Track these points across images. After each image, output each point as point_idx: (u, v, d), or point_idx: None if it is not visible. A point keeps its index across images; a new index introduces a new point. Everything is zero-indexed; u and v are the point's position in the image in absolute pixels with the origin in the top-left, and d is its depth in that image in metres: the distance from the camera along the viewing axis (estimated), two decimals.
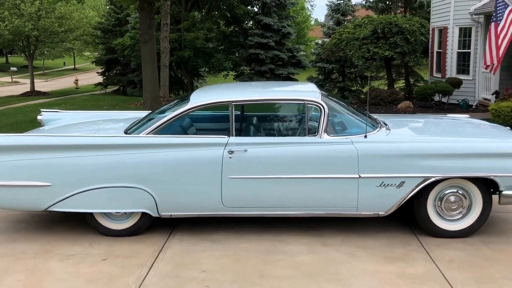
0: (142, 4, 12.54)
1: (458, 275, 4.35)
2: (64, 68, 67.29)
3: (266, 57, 24.21)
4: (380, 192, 4.93)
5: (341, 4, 24.71)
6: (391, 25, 16.47)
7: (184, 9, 25.09)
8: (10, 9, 27.78)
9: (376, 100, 15.18)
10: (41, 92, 30.55)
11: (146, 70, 13.14)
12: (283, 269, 4.54)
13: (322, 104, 5.07)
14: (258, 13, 25.30)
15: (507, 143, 5.11)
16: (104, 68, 35.13)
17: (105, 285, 4.30)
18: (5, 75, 51.08)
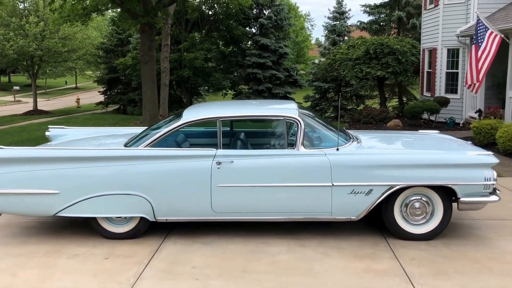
0: (143, 27, 13.28)
1: (417, 270, 4.95)
2: (66, 87, 68.05)
3: (263, 76, 24.98)
4: (351, 198, 5.55)
5: (337, 25, 25.56)
6: (382, 46, 17.20)
7: (184, 30, 25.93)
8: (16, 30, 28.64)
9: (367, 119, 15.83)
10: (43, 111, 31.24)
11: (146, 89, 13.83)
12: (264, 266, 5.14)
13: (299, 120, 5.72)
14: (256, 34, 26.14)
15: (463, 155, 5.75)
16: (106, 87, 35.92)
17: (107, 278, 4.90)
18: (7, 94, 51.85)
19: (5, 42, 28.23)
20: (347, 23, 26.21)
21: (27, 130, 19.47)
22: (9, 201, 5.79)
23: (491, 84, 14.81)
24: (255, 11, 26.17)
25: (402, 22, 24.71)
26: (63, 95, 58.84)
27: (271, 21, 25.46)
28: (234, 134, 6.62)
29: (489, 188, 5.53)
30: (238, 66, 26.30)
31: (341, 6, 27.47)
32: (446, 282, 4.68)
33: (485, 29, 12.24)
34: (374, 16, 25.67)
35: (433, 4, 17.37)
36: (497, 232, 6.01)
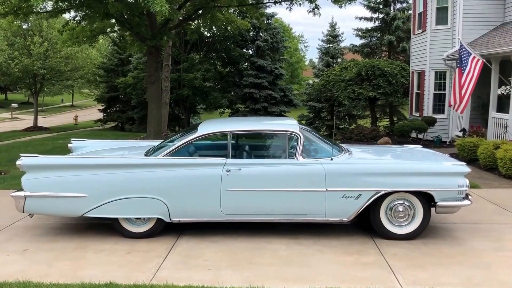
0: (150, 49, 14.18)
1: (398, 263, 5.77)
2: (62, 105, 68.65)
3: (260, 96, 25.96)
4: (342, 202, 6.38)
5: (330, 48, 26.61)
6: (374, 68, 18.19)
7: (183, 51, 26.91)
8: (20, 49, 29.55)
9: (359, 137, 16.73)
10: (43, 128, 31.96)
11: (151, 107, 14.69)
12: (267, 259, 5.94)
13: (299, 134, 6.58)
14: (253, 55, 27.17)
15: (440, 164, 6.64)
16: (105, 105, 36.78)
17: (132, 268, 5.68)
18: (4, 111, 52.34)
19: (10, 61, 29.10)
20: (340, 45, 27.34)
21: (31, 145, 20.12)
22: (43, 203, 6.59)
23: (476, 105, 15.76)
24: (252, 33, 27.25)
25: (392, 45, 25.83)
26: (59, 112, 59.53)
27: (267, 43, 26.52)
28: (241, 146, 7.46)
29: (462, 193, 6.38)
30: (235, 86, 27.28)
31: (334, 29, 28.67)
32: (423, 272, 5.49)
33: (468, 54, 13.20)
34: (366, 40, 26.83)
35: (421, 29, 18.42)
36: (471, 233, 6.85)
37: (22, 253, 6.21)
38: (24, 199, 6.52)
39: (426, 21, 17.75)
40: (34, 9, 14.84)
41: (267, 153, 7.38)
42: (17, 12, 13.61)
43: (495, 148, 11.49)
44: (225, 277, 5.39)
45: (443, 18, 17.07)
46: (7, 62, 28.98)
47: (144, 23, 13.26)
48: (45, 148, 18.29)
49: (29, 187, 6.53)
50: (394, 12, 26.17)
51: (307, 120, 25.68)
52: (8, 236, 6.91)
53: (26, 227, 7.31)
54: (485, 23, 16.33)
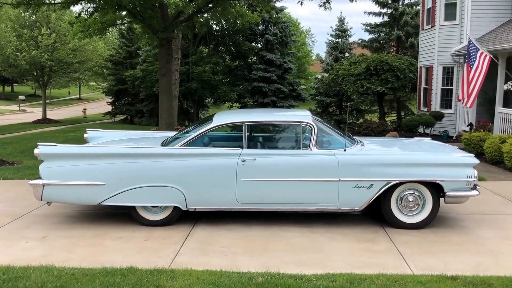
0: (161, 42, 14.34)
1: (408, 250, 5.95)
2: (69, 98, 68.97)
3: (268, 90, 26.12)
4: (355, 192, 6.56)
5: (339, 43, 26.70)
6: (382, 63, 18.30)
7: (192, 44, 27.07)
8: (27, 41, 29.69)
9: (366, 131, 16.86)
10: (52, 120, 32.17)
11: (163, 99, 14.87)
12: (282, 246, 6.13)
13: (313, 125, 6.75)
14: (262, 49, 27.29)
15: (450, 156, 6.80)
16: (114, 98, 37.01)
17: (150, 254, 5.87)
18: (11, 104, 52.68)
19: (18, 53, 29.26)
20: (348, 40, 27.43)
21: (43, 137, 20.26)
22: (60, 191, 6.78)
23: (483, 100, 15.86)
24: (261, 27, 27.37)
25: (401, 40, 25.91)
26: (67, 105, 59.80)
27: (276, 37, 26.65)
28: (256, 137, 7.64)
29: (471, 184, 6.56)
30: (244, 79, 27.44)
31: (343, 24, 28.75)
32: (432, 259, 5.67)
33: (476, 50, 13.28)
34: (375, 35, 26.93)
35: (429, 25, 18.50)
36: (478, 223, 7.02)
37: (41, 240, 6.40)
38: (42, 187, 6.72)
39: (435, 17, 17.84)
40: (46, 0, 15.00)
41: (282, 144, 7.56)
42: (29, 3, 13.74)
43: (501, 142, 11.66)
44: (242, 262, 5.57)
45: (451, 14, 17.17)
46: (14, 53, 29.11)
47: (156, 15, 13.41)
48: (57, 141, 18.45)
49: (47, 176, 6.72)
50: (403, 7, 26.24)
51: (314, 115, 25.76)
52: (26, 224, 7.10)
53: (44, 215, 7.51)
54: (492, 19, 16.42)
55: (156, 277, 5.03)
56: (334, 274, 5.13)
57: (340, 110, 24.89)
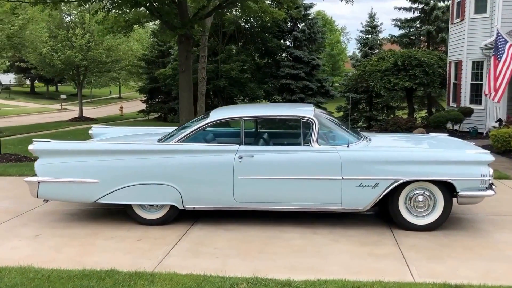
0: (180, 38, 14.17)
1: (414, 254, 5.49)
2: (110, 97, 70.42)
3: (296, 87, 25.67)
4: (359, 191, 6.13)
5: (369, 39, 26.03)
6: (410, 58, 17.65)
7: (221, 42, 26.89)
8: (63, 41, 30.28)
9: (394, 127, 16.28)
10: (88, 118, 32.83)
11: (183, 96, 14.70)
12: (278, 248, 5.76)
13: (314, 120, 6.35)
14: (290, 46, 26.88)
15: (462, 152, 6.27)
16: (147, 96, 37.29)
17: (139, 255, 5.61)
18: (55, 103, 54.19)
19: (53, 53, 29.87)
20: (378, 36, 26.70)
21: (73, 134, 20.55)
22: (56, 189, 6.61)
23: None
24: (289, 24, 26.95)
25: (431, 36, 25.05)
26: (107, 104, 61.03)
27: (305, 34, 26.18)
28: (256, 133, 7.31)
29: (485, 183, 6.02)
30: (272, 77, 27.08)
31: (373, 20, 28.06)
32: (439, 264, 5.20)
33: (504, 42, 12.62)
34: (405, 30, 26.12)
35: (459, 18, 17.75)
36: (497, 226, 6.48)
37: (34, 239, 6.24)
38: (37, 185, 6.56)
39: (465, 10, 17.09)
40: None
41: (282, 140, 7.18)
42: (46, 1, 13.77)
43: None
44: (232, 265, 5.25)
45: (482, 6, 16.40)
46: (50, 53, 29.74)
47: (173, 12, 13.24)
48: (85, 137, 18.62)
49: (42, 172, 6.56)
50: (434, 1, 25.39)
51: (344, 111, 25.21)
52: (24, 222, 6.98)
53: (44, 213, 7.39)
54: None
55: (133, 282, 4.76)
56: (326, 281, 4.73)
57: (370, 107, 24.18)
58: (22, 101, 55.96)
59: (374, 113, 24.27)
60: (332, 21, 59.86)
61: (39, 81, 65.04)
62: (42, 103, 55.85)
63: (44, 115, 40.70)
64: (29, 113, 43.63)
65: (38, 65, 32.58)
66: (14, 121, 32.81)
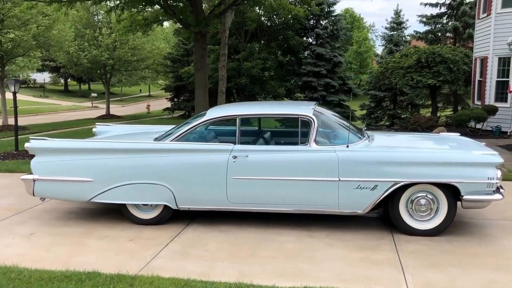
0: (196, 36, 14.04)
1: (412, 262, 5.18)
2: (140, 95, 71.26)
3: (318, 84, 25.28)
4: (357, 193, 5.85)
5: (394, 36, 25.46)
6: (434, 55, 17.12)
7: (243, 40, 26.72)
8: (90, 40, 30.69)
9: (414, 126, 15.81)
10: (115, 116, 33.22)
11: (198, 94, 14.59)
12: (270, 252, 5.54)
13: (313, 118, 6.09)
14: (312, 43, 26.51)
15: (467, 154, 5.91)
16: (173, 94, 37.47)
17: (127, 256, 5.47)
18: (86, 101, 55.14)
19: (80, 52, 30.31)
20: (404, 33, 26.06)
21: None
22: (51, 187, 6.54)
23: None
24: (312, 21, 26.58)
25: (458, 32, 24.31)
26: (137, 102, 61.77)
27: (327, 31, 25.77)
28: (253, 132, 7.09)
29: (492, 186, 5.64)
30: (294, 74, 26.76)
31: (398, 16, 27.41)
32: (437, 273, 4.89)
33: None
34: (430, 26, 25.41)
35: (485, 13, 17.11)
36: (506, 232, 6.09)
37: (28, 237, 6.19)
38: (33, 183, 6.51)
39: (492, 4, 16.43)
40: None
41: (278, 139, 6.93)
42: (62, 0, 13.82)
43: None
44: (219, 269, 5.06)
45: (510, 0, 15.71)
46: (77, 53, 30.18)
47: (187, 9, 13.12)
48: None
49: (37, 171, 6.51)
50: None
51: (368, 110, 24.75)
52: (23, 219, 6.96)
53: (44, 211, 7.36)
54: None
55: (113, 285, 4.60)
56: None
57: (395, 105, 23.63)
58: (56, 99, 57.09)
59: (398, 111, 23.71)
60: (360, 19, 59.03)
61: (72, 80, 66.31)
62: (74, 101, 56.85)
63: (74, 113, 41.39)
64: (60, 110, 44.46)
65: (67, 64, 33.11)
66: (44, 118, 33.47)
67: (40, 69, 56.38)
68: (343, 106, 25.45)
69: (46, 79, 69.72)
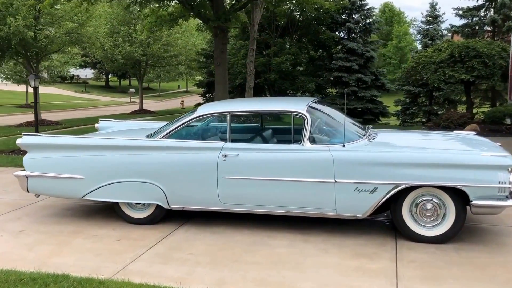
0: (216, 31, 13.76)
1: (409, 272, 4.70)
2: (178, 91, 71.92)
3: (349, 79, 24.63)
4: (355, 196, 5.39)
5: (429, 30, 24.51)
6: (468, 49, 16.29)
7: (275, 35, 26.28)
8: (124, 37, 30.92)
9: (446, 123, 15.09)
10: (148, 111, 33.38)
11: (218, 89, 14.32)
12: (257, 257, 5.16)
13: (306, 115, 5.67)
14: (343, 38, 25.84)
15: (476, 155, 5.35)
16: (205, 90, 37.42)
17: (107, 258, 5.21)
18: (125, 96, 56.00)
19: (114, 48, 30.58)
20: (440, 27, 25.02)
21: None
22: (43, 184, 6.38)
23: None
24: (344, 15, 25.89)
25: (497, 25, 23.12)
26: (174, 98, 62.28)
27: (359, 25, 25.05)
28: (245, 130, 6.74)
29: (504, 191, 5.09)
30: (325, 69, 26.15)
31: (434, 10, 26.37)
32: (434, 287, 4.42)
33: None
34: (467, 19, 24.29)
35: None
36: None
37: (16, 234, 6.04)
38: (26, 179, 6.37)
39: None
40: None
41: (270, 138, 6.51)
42: None
43: None
44: (197, 275, 4.73)
45: None
46: (111, 49, 30.46)
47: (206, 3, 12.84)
48: None
49: (29, 167, 6.36)
50: None
51: (403, 106, 23.97)
52: (18, 215, 6.84)
53: (44, 206, 7.25)
54: None
55: None
56: None
57: (431, 101, 22.72)
58: (96, 95, 58.24)
59: (434, 108, 22.81)
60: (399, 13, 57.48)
61: (112, 76, 67.56)
62: (113, 96, 57.85)
63: (111, 108, 41.97)
64: (98, 106, 45.16)
65: (103, 60, 33.48)
66: (80, 113, 33.95)
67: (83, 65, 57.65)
68: (375, 102, 24.69)
69: (88, 75, 71.20)
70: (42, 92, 46.31)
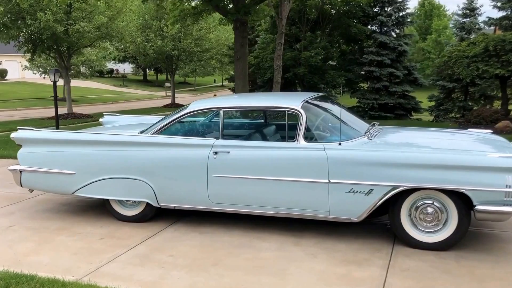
0: (236, 24, 13.45)
1: (398, 282, 4.29)
2: (213, 85, 72.28)
3: (380, 74, 23.89)
4: (350, 198, 5.00)
5: (466, 23, 23.52)
6: (504, 42, 15.44)
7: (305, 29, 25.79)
8: (156, 31, 31.02)
9: (477, 119, 14.35)
10: (180, 105, 33.38)
11: (238, 84, 14.02)
12: (240, 260, 4.83)
13: (301, 112, 5.29)
14: (375, 31, 25.10)
15: (481, 156, 4.85)
16: None
17: (83, 257, 4.98)
18: (162, 90, 56.59)
19: (146, 42, 30.73)
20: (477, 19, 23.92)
21: None
22: (36, 179, 6.23)
23: None
24: (376, 8, 25.12)
25: None
26: (209, 92, 62.55)
27: (391, 19, 24.26)
28: (235, 126, 6.42)
29: (511, 196, 4.61)
30: (356, 64, 25.48)
31: (471, 2, 25.23)
32: None
33: None
34: (506, 12, 23.10)
35: None
36: None
37: (3, 230, 5.90)
38: (20, 174, 6.24)
39: None
40: None
41: (264, 135, 6.12)
42: None
43: None
44: (170, 280, 4.44)
45: None
46: (143, 43, 30.62)
47: None
48: None
49: (23, 161, 6.24)
50: None
51: (436, 101, 23.08)
52: (14, 210, 6.75)
53: (42, 201, 7.15)
54: None
55: None
56: None
57: (466, 96, 21.78)
58: (134, 89, 58.90)
59: (469, 103, 21.86)
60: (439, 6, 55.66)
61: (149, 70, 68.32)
62: (150, 90, 58.39)
63: (146, 102, 42.32)
64: (135, 100, 45.59)
65: (136, 54, 33.71)
66: (116, 106, 34.22)
67: (121, 60, 58.42)
68: (407, 97, 23.88)
69: (127, 69, 72.19)
70: (81, 85, 47.31)
